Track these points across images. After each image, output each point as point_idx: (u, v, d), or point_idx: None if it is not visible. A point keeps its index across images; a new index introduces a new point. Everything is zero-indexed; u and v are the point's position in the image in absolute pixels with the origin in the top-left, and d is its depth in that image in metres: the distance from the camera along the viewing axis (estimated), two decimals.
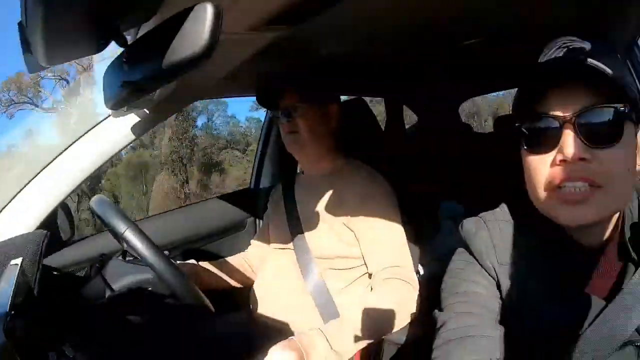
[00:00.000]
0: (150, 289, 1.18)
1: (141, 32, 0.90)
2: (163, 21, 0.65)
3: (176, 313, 1.22)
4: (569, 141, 0.71)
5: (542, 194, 0.78)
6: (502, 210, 0.95)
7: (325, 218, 1.53)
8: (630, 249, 0.78)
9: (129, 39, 0.70)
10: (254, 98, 1.70)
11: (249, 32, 1.09)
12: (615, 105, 0.72)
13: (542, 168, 0.76)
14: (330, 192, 1.57)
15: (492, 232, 0.90)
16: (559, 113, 0.73)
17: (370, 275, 1.51)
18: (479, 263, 0.90)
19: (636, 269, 0.76)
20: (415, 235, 1.68)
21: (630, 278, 0.75)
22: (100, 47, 0.66)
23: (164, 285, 1.15)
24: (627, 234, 0.79)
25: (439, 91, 3.77)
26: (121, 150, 1.24)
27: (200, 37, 0.59)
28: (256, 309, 1.57)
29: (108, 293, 1.16)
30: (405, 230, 1.55)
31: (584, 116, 0.72)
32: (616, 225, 0.81)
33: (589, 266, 0.82)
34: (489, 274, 0.88)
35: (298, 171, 1.86)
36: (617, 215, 0.81)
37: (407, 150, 3.61)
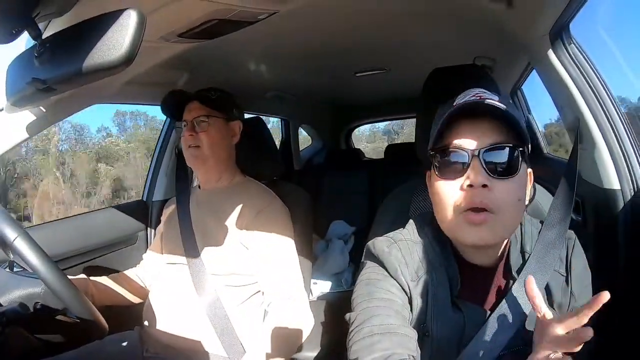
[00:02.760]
0: (40, 303, 1.07)
1: (51, 28, 0.86)
2: (83, 21, 0.63)
3: (67, 330, 1.13)
4: (475, 170, 0.82)
5: (449, 215, 0.86)
6: (409, 230, 1.02)
7: (220, 234, 1.49)
8: (512, 268, 0.91)
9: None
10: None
11: (159, 42, 1.09)
12: (516, 145, 0.84)
13: (450, 192, 0.85)
14: (226, 208, 1.53)
15: (403, 252, 0.96)
16: (469, 147, 0.84)
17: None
18: (393, 278, 0.94)
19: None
20: (307, 251, 1.71)
21: (508, 293, 0.89)
22: (12, 37, 0.63)
23: (56, 299, 1.06)
24: (512, 256, 0.92)
25: (334, 115, 3.95)
26: (13, 148, 1.13)
27: (123, 43, 0.58)
28: (149, 327, 1.50)
29: None
30: (298, 246, 1.57)
31: (490, 151, 0.83)
32: (504, 249, 0.93)
33: (481, 282, 0.94)
34: (403, 289, 0.93)
35: (194, 185, 1.82)
36: (505, 241, 0.93)
37: (301, 171, 3.72)
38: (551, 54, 1.28)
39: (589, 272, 0.95)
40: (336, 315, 1.86)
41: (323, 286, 2.50)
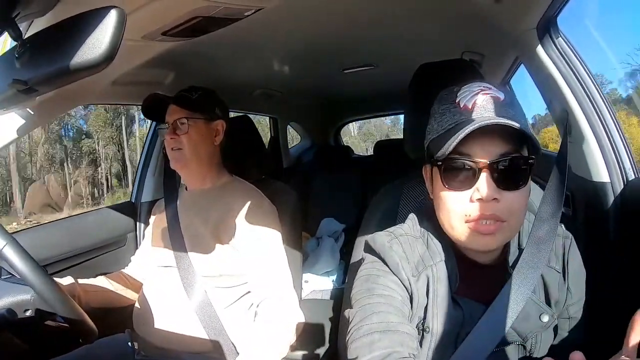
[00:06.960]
0: (29, 309, 1.05)
1: (32, 28, 0.84)
2: (63, 20, 0.61)
3: (57, 336, 1.11)
4: (484, 184, 0.81)
5: (457, 224, 0.86)
6: (409, 225, 1.01)
7: (207, 236, 1.48)
8: (508, 265, 0.92)
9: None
10: None
11: (143, 40, 1.07)
12: (526, 155, 0.83)
13: (458, 203, 0.84)
14: (212, 210, 1.53)
15: (404, 247, 0.95)
16: (478, 158, 0.82)
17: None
18: (394, 274, 0.93)
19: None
20: (296, 249, 1.72)
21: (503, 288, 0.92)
22: None
23: (45, 306, 1.05)
24: (510, 252, 0.93)
25: (323, 112, 3.94)
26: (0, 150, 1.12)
27: (103, 41, 0.57)
28: (140, 329, 1.49)
29: None
30: (287, 244, 1.56)
31: (500, 163, 0.81)
32: (504, 247, 0.94)
33: (479, 278, 0.94)
34: (404, 285, 0.93)
35: (181, 186, 1.81)
36: None
37: (290, 168, 3.71)
38: (539, 47, 1.28)
39: (584, 270, 0.96)
40: (328, 313, 1.86)
41: (314, 284, 2.50)
